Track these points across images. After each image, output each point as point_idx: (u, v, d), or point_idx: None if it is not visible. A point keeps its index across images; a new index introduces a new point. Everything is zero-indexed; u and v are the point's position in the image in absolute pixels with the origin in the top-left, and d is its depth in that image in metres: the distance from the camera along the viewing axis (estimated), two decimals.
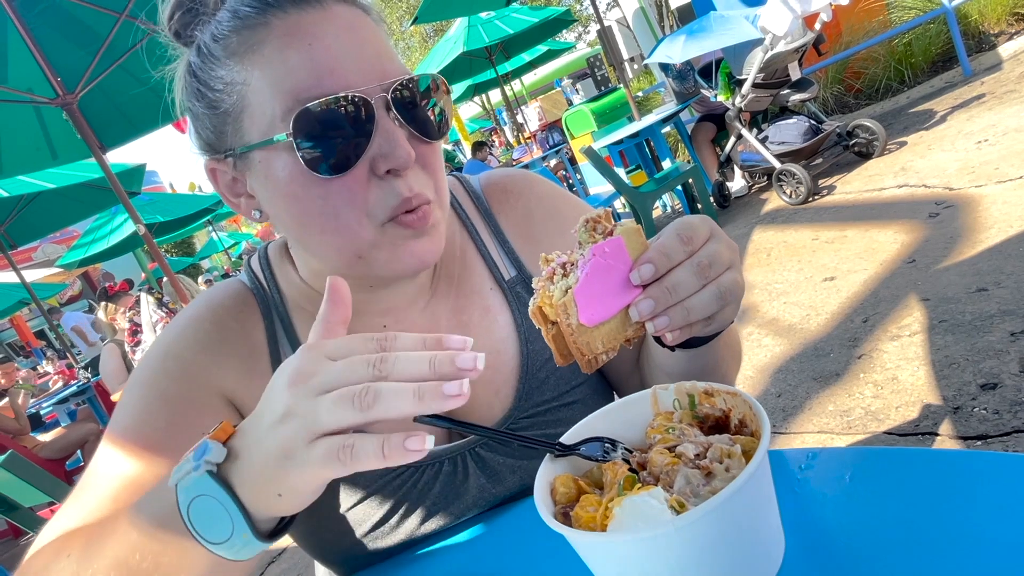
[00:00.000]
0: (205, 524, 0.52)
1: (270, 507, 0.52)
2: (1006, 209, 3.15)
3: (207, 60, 0.70)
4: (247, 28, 0.67)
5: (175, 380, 0.77)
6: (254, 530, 0.52)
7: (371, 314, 0.83)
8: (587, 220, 0.57)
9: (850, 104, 6.81)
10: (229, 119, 0.70)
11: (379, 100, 0.66)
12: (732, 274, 0.57)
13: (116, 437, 0.76)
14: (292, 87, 0.65)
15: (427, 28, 23.19)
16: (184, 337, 0.80)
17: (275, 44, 0.66)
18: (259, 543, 0.53)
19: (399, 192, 0.68)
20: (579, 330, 0.54)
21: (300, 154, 0.65)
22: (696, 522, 0.42)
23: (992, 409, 1.97)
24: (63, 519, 0.73)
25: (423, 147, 0.71)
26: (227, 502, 0.51)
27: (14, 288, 10.28)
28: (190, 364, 0.78)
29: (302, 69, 0.65)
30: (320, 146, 0.65)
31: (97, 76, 4.12)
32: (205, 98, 0.71)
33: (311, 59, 0.65)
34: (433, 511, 0.82)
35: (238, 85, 0.68)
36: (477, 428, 0.62)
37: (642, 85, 11.70)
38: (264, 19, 0.66)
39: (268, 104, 0.66)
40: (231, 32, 0.68)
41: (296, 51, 0.65)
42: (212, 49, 0.69)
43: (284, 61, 0.65)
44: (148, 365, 0.80)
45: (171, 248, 22.34)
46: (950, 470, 0.55)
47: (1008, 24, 6.23)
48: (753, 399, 0.52)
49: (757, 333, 3.18)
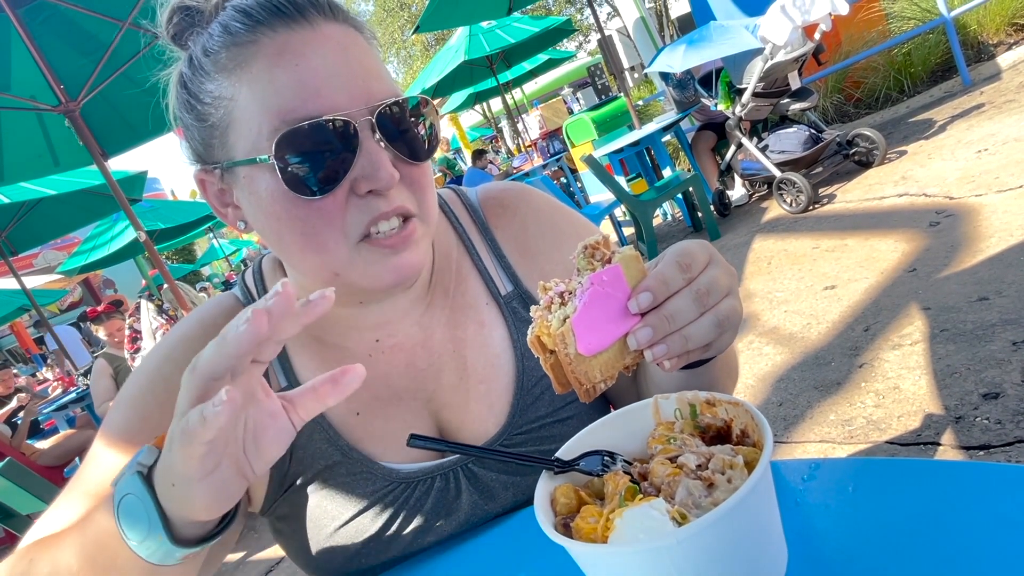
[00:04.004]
0: (129, 522, 0.57)
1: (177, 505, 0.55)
2: (1006, 218, 3.15)
3: (197, 73, 0.70)
4: (236, 45, 0.67)
5: (160, 403, 0.78)
6: (169, 532, 0.55)
7: (363, 329, 0.83)
8: (585, 247, 0.57)
9: (850, 113, 6.83)
10: (216, 132, 0.70)
11: (364, 122, 0.66)
12: (730, 301, 0.57)
13: (99, 454, 0.78)
14: (278, 107, 0.65)
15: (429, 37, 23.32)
16: (172, 358, 0.81)
17: (263, 63, 0.66)
18: (173, 546, 0.56)
19: (376, 207, 0.68)
20: (577, 360, 0.54)
21: (282, 176, 0.66)
22: (698, 534, 0.42)
23: (994, 419, 1.96)
24: (48, 520, 0.76)
25: (409, 168, 0.71)
26: (146, 500, 0.55)
27: (14, 294, 10.27)
28: (176, 387, 0.78)
29: (288, 89, 0.65)
30: (302, 168, 0.65)
31: (100, 84, 4.14)
32: (195, 110, 0.71)
33: (297, 80, 0.65)
34: (426, 527, 0.81)
35: (226, 100, 0.68)
36: (473, 449, 0.62)
37: (642, 94, 11.75)
38: (253, 37, 0.67)
39: (254, 121, 0.66)
40: (221, 48, 0.68)
41: (283, 71, 0.65)
42: (203, 63, 0.69)
43: (271, 80, 0.65)
44: (137, 382, 0.81)
45: (172, 255, 22.37)
46: (953, 481, 0.55)
47: (1007, 34, 6.26)
48: (755, 409, 0.52)
49: (758, 342, 3.18)
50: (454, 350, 0.85)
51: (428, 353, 0.85)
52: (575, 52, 20.92)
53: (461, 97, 14.10)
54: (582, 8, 22.14)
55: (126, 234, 9.38)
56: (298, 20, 0.67)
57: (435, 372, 0.84)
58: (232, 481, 0.54)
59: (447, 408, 0.84)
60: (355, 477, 0.80)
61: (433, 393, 0.84)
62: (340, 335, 0.83)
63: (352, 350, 0.83)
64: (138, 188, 7.29)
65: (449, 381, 0.84)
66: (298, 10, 0.67)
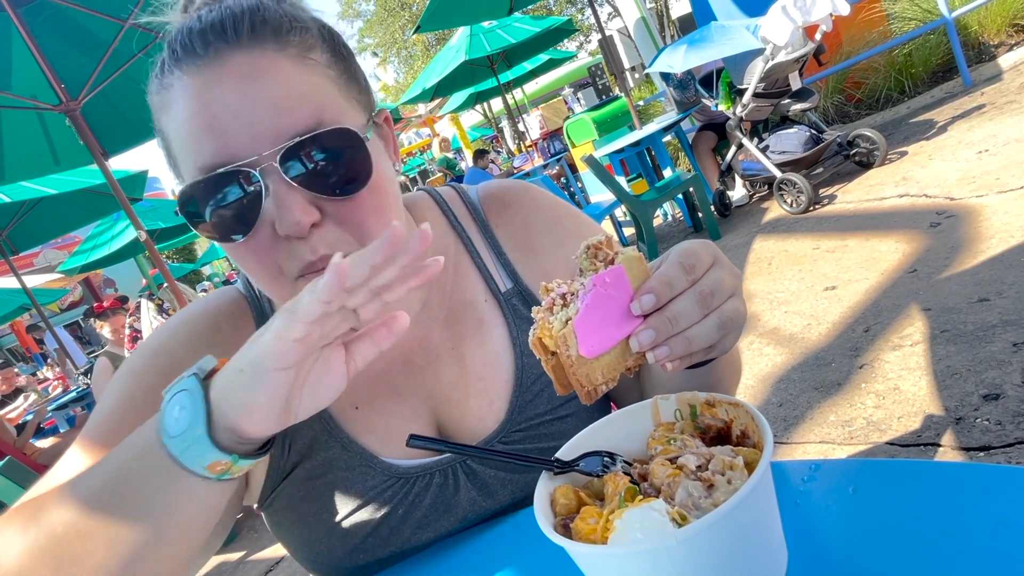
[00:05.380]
0: (172, 415, 0.58)
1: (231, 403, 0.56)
2: (1007, 219, 3.15)
3: (150, 102, 0.71)
4: (164, 88, 0.67)
5: (163, 375, 0.77)
6: (209, 429, 0.57)
7: None
8: (588, 247, 0.56)
9: (850, 114, 6.83)
10: (170, 160, 0.71)
11: (268, 167, 0.63)
12: (734, 302, 0.56)
13: (98, 421, 0.77)
14: (190, 155, 0.66)
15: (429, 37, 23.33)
16: (176, 336, 0.81)
17: (177, 107, 0.66)
18: (208, 444, 0.56)
19: (302, 255, 0.66)
20: (579, 362, 0.53)
21: (194, 225, 0.67)
22: (698, 535, 0.42)
23: (995, 420, 1.96)
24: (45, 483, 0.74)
25: (336, 204, 0.66)
26: (196, 395, 0.57)
27: (15, 293, 10.28)
28: (179, 361, 0.79)
29: (193, 138, 0.65)
30: (217, 215, 0.66)
31: (101, 83, 4.13)
32: (159, 131, 0.72)
33: (200, 128, 0.64)
34: (425, 523, 0.81)
35: (166, 136, 0.69)
36: (473, 449, 0.62)
37: (643, 94, 11.74)
38: (172, 79, 0.66)
39: (185, 163, 0.67)
40: (156, 90, 0.68)
41: (191, 116, 0.65)
42: (151, 97, 0.70)
43: (181, 126, 0.66)
44: (139, 358, 0.81)
45: (172, 254, 22.38)
46: (953, 483, 0.55)
47: (1008, 35, 6.26)
48: (755, 410, 0.52)
49: (758, 342, 3.18)
50: (452, 347, 0.85)
51: (426, 351, 0.85)
52: (576, 52, 20.90)
53: (462, 97, 14.09)
54: (583, 8, 22.15)
55: (127, 233, 9.38)
56: (204, 58, 0.64)
57: (433, 369, 0.84)
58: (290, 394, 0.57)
59: (446, 405, 0.84)
60: (354, 471, 0.80)
61: (432, 390, 0.84)
62: None
63: None
64: (139, 187, 7.29)
65: (448, 378, 0.84)
66: (205, 45, 0.64)
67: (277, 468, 0.82)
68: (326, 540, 0.81)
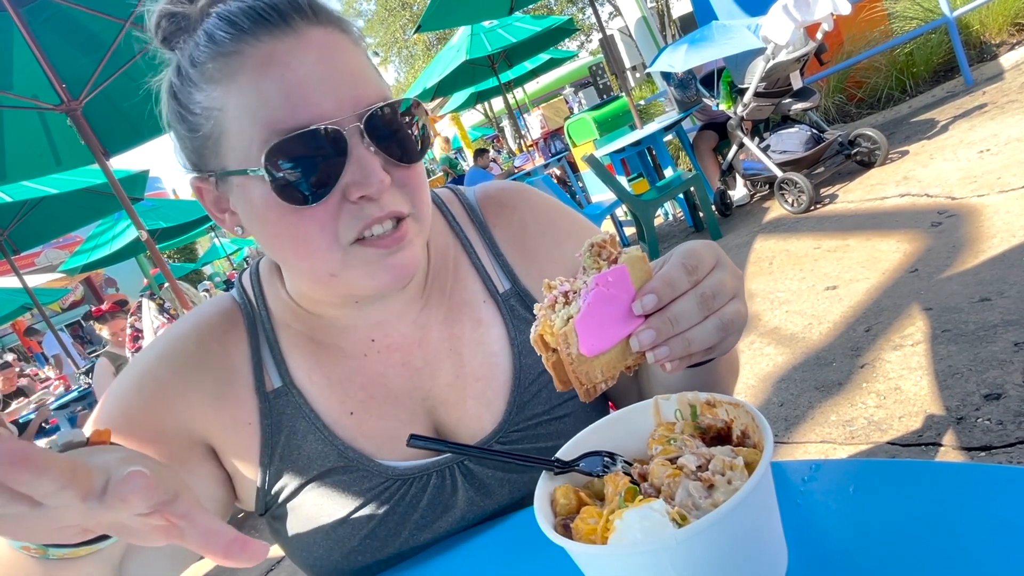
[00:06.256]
0: None
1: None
2: (1009, 219, 3.15)
3: (186, 83, 0.70)
4: (222, 55, 0.67)
5: (145, 402, 0.78)
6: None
7: (358, 329, 0.83)
8: (592, 245, 0.57)
9: (852, 113, 6.82)
10: (209, 143, 0.71)
11: (352, 129, 0.67)
12: (735, 304, 0.56)
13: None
14: (266, 118, 0.65)
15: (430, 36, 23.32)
16: (164, 358, 0.82)
17: (249, 74, 0.66)
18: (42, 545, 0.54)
19: (368, 214, 0.69)
20: (579, 360, 0.54)
21: (273, 186, 0.66)
22: (698, 535, 0.42)
23: (996, 420, 1.95)
24: None
25: (400, 170, 0.71)
26: None
27: (16, 293, 10.29)
28: (164, 386, 0.79)
29: (275, 100, 0.65)
30: (293, 177, 0.66)
31: (102, 83, 4.14)
32: (186, 121, 0.72)
33: (284, 90, 0.65)
34: (423, 524, 0.81)
35: (216, 111, 0.68)
36: (474, 450, 0.62)
37: (644, 94, 11.73)
38: (238, 47, 0.67)
39: (245, 132, 0.67)
40: (207, 58, 0.68)
41: (269, 81, 0.65)
42: (190, 73, 0.70)
43: (257, 92, 0.66)
44: (127, 378, 0.82)
45: (173, 254, 22.41)
46: (954, 483, 0.55)
47: (1009, 34, 6.25)
48: (756, 410, 0.52)
49: (759, 342, 3.17)
50: (451, 348, 0.85)
51: (424, 352, 0.85)
52: (577, 52, 20.91)
53: (463, 96, 14.09)
54: (584, 8, 22.13)
55: (128, 233, 9.39)
56: (281, 27, 0.67)
57: (431, 370, 0.84)
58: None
59: (444, 406, 0.84)
60: (352, 475, 0.80)
61: (429, 391, 0.84)
62: (335, 335, 0.84)
63: (347, 350, 0.84)
64: (140, 187, 7.30)
65: (446, 379, 0.84)
66: (281, 17, 0.67)
67: (271, 477, 0.82)
68: (324, 543, 0.81)
